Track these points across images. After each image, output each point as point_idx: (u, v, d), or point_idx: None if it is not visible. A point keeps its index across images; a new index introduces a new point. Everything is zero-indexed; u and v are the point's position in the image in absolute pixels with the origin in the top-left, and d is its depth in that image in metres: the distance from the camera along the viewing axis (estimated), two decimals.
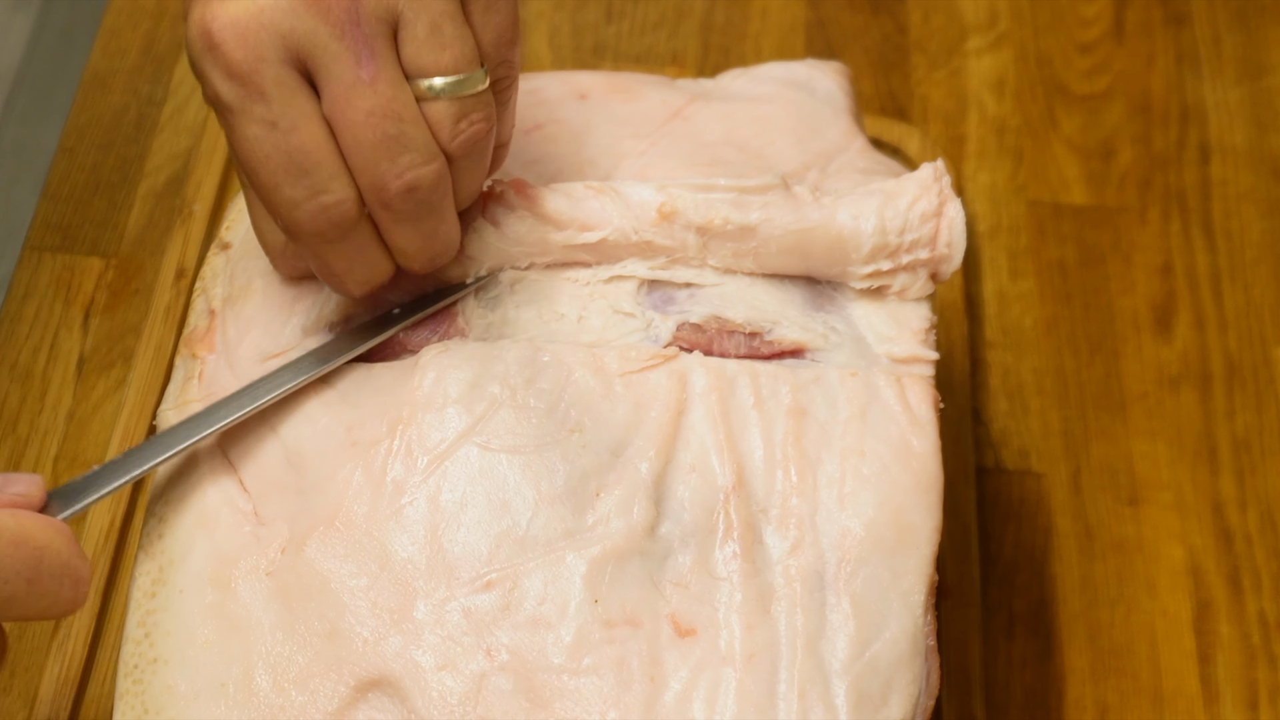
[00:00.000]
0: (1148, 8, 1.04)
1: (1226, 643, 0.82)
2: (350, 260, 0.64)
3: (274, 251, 0.68)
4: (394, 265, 0.65)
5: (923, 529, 0.65)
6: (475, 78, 0.62)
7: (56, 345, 0.86)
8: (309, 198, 0.61)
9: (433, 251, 0.65)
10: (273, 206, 0.62)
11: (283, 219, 0.62)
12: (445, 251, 0.65)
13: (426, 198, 0.62)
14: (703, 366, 0.67)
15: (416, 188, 0.61)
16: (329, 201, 0.61)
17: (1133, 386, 0.90)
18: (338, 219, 0.62)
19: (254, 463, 0.66)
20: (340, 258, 0.63)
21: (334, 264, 0.64)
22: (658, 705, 0.61)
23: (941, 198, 0.69)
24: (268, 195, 0.62)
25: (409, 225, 0.63)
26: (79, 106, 0.95)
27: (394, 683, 0.62)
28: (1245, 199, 0.97)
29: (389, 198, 0.62)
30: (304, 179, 0.61)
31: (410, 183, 0.61)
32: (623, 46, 1.01)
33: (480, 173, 0.65)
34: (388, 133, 0.61)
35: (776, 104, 0.78)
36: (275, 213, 0.62)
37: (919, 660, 0.64)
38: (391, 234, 0.63)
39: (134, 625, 0.65)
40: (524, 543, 0.63)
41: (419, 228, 0.63)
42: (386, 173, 0.61)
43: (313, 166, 0.61)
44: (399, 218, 0.62)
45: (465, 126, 0.62)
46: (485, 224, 0.68)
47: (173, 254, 0.87)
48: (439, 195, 0.63)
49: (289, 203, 0.61)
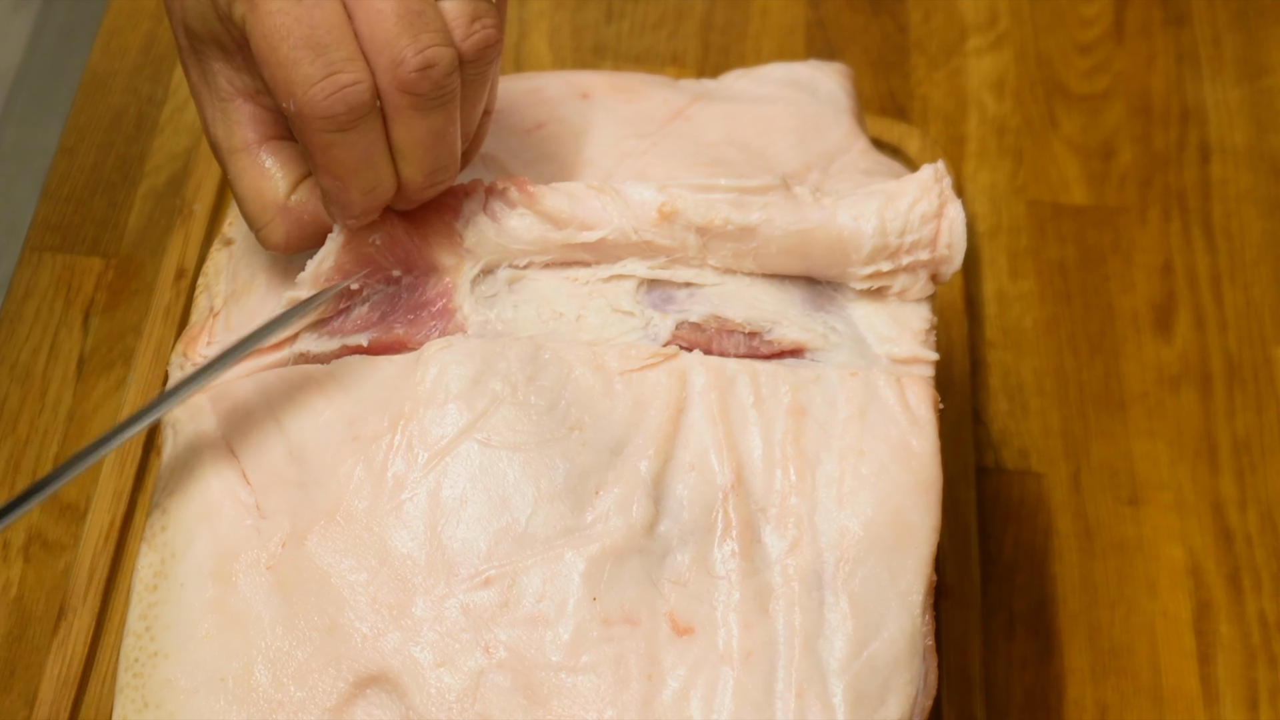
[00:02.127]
0: (1148, 8, 1.04)
1: (1226, 643, 0.82)
2: (356, 160, 0.63)
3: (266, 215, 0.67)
4: (395, 181, 0.64)
5: (921, 529, 0.65)
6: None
7: (56, 345, 0.86)
8: (325, 74, 0.60)
9: (436, 159, 0.64)
10: (288, 85, 0.61)
11: (297, 99, 0.61)
12: (448, 163, 0.65)
13: (442, 80, 0.61)
14: (702, 365, 0.67)
15: (434, 65, 0.61)
16: (345, 80, 0.61)
17: (1133, 386, 0.90)
18: (352, 100, 0.61)
19: (257, 455, 0.66)
20: (348, 152, 0.62)
21: (340, 160, 0.63)
22: (655, 703, 0.61)
23: (942, 199, 0.69)
24: (285, 73, 0.61)
25: (419, 117, 0.62)
26: (79, 106, 0.95)
27: (392, 679, 0.62)
28: (1245, 199, 0.97)
29: (405, 75, 0.61)
30: (322, 55, 0.60)
31: (430, 59, 0.61)
32: (623, 46, 1.01)
33: (482, 95, 0.65)
34: (412, 8, 0.60)
35: (778, 105, 0.78)
36: (290, 93, 0.61)
37: (917, 660, 0.64)
38: (400, 128, 0.63)
39: (135, 618, 0.65)
40: (523, 540, 0.63)
41: (429, 122, 0.63)
42: (407, 48, 0.61)
43: (332, 43, 0.60)
44: (412, 104, 0.62)
45: (478, 28, 0.62)
46: (485, 219, 0.68)
47: (173, 254, 0.87)
48: (451, 86, 0.62)
49: (305, 80, 0.61)
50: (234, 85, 0.65)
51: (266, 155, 0.66)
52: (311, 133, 0.62)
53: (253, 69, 0.65)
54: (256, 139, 0.66)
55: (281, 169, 0.66)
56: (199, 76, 0.66)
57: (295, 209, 0.66)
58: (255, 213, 0.67)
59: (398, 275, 0.68)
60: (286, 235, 0.67)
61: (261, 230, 0.67)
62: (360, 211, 0.65)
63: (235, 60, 0.65)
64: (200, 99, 0.67)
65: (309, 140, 0.62)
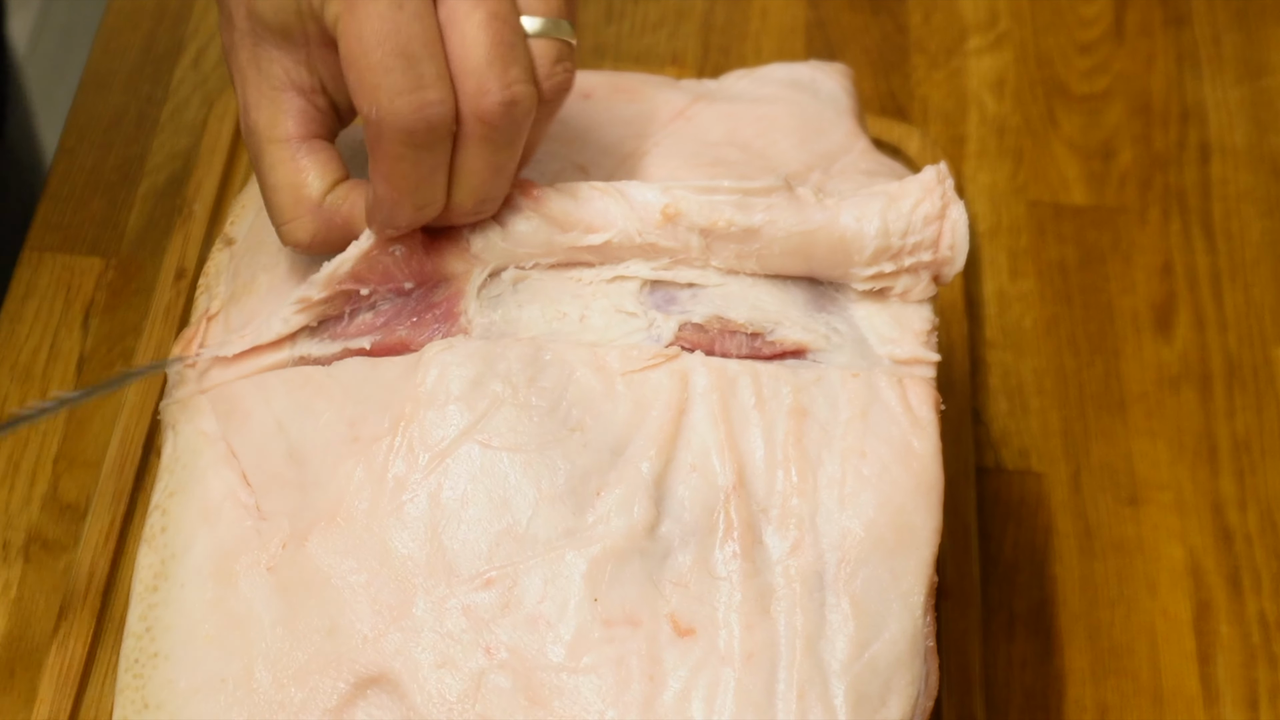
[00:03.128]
0: (1148, 8, 1.04)
1: (1226, 643, 0.82)
2: (419, 177, 0.63)
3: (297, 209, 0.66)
4: (445, 202, 0.64)
5: (923, 530, 0.65)
6: (568, 28, 0.63)
7: (56, 345, 0.86)
8: (414, 89, 0.60)
9: (488, 190, 0.64)
10: (374, 91, 0.61)
11: (381, 106, 0.61)
12: (496, 197, 0.65)
13: (520, 119, 0.62)
14: (704, 366, 0.67)
15: (517, 103, 0.61)
16: (431, 98, 0.60)
17: (1133, 386, 0.90)
18: (434, 119, 0.61)
19: (257, 456, 0.66)
20: (414, 167, 0.62)
21: (404, 173, 0.62)
22: (656, 704, 0.61)
23: (945, 200, 0.69)
24: (374, 78, 0.60)
25: (488, 149, 0.62)
26: (79, 106, 0.95)
27: (393, 680, 0.62)
28: (1245, 199, 0.97)
29: (488, 106, 0.61)
30: (414, 68, 0.60)
31: (515, 95, 0.61)
32: (623, 47, 1.01)
33: (543, 133, 0.65)
34: (505, 39, 0.61)
35: (780, 105, 0.78)
36: (375, 99, 0.61)
37: (918, 661, 0.64)
38: (466, 156, 0.63)
39: (135, 619, 0.65)
40: (524, 541, 0.63)
41: (495, 155, 0.63)
42: (494, 80, 0.61)
43: (426, 58, 0.60)
44: (485, 134, 0.62)
45: (560, 71, 0.63)
46: (492, 225, 0.68)
47: (173, 254, 0.87)
48: (525, 125, 0.62)
49: (392, 88, 0.60)
50: (290, 77, 0.65)
51: (307, 152, 0.66)
52: (385, 141, 0.62)
53: (316, 66, 0.65)
54: (300, 134, 0.66)
55: (320, 168, 0.66)
56: (249, 60, 0.66)
57: (328, 210, 0.66)
58: (286, 205, 0.66)
59: (410, 287, 0.68)
60: (313, 235, 0.66)
61: (287, 224, 0.66)
62: (405, 225, 0.65)
63: (300, 54, 0.65)
64: (245, 82, 0.66)
65: (380, 148, 0.62)
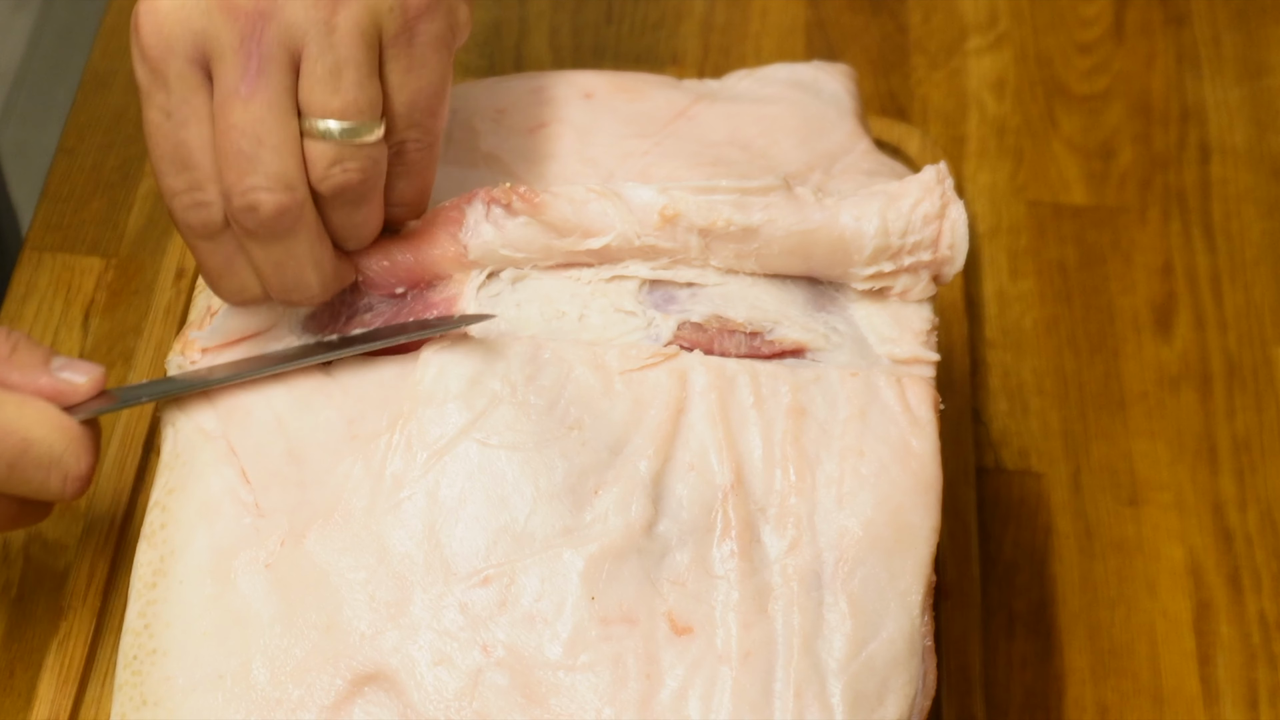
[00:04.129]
0: (1148, 8, 1.04)
1: (1226, 643, 0.82)
2: (219, 266, 0.65)
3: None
4: (260, 287, 0.66)
5: (921, 529, 0.65)
6: (363, 129, 0.63)
7: (56, 345, 0.86)
8: (185, 191, 0.63)
9: (281, 282, 0.65)
10: (160, 189, 0.64)
11: (166, 203, 0.64)
12: (296, 286, 0.66)
13: (268, 222, 0.63)
14: (703, 365, 0.67)
15: (255, 209, 0.62)
16: (201, 199, 0.63)
17: (1133, 386, 0.89)
18: (206, 220, 0.64)
19: (256, 453, 0.66)
20: (210, 258, 0.65)
21: (205, 263, 0.66)
22: (653, 703, 0.61)
23: (944, 200, 0.69)
24: (158, 179, 0.64)
25: (256, 245, 0.64)
26: (79, 106, 0.95)
27: (390, 677, 0.62)
28: (1245, 199, 0.97)
29: (233, 210, 0.63)
30: (184, 173, 0.63)
31: (250, 203, 0.62)
32: (623, 47, 1.01)
33: (357, 221, 0.66)
34: (242, 149, 0.62)
35: (782, 105, 0.78)
36: (161, 195, 0.64)
37: (916, 660, 0.64)
38: (248, 250, 0.65)
39: (134, 616, 0.65)
40: (522, 539, 0.63)
41: (266, 251, 0.64)
42: (233, 186, 0.62)
43: (193, 164, 0.63)
44: (246, 233, 0.64)
45: (336, 172, 0.63)
46: (489, 228, 0.68)
47: (173, 254, 0.87)
48: (284, 224, 0.63)
49: (169, 191, 0.64)
50: None
51: None
52: (181, 234, 0.65)
53: None
54: None
55: None
56: None
57: None
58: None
59: (402, 291, 0.69)
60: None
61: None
62: (232, 301, 0.67)
63: None
64: None
65: (184, 238, 0.65)
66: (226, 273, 0.65)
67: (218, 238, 0.64)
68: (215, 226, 0.64)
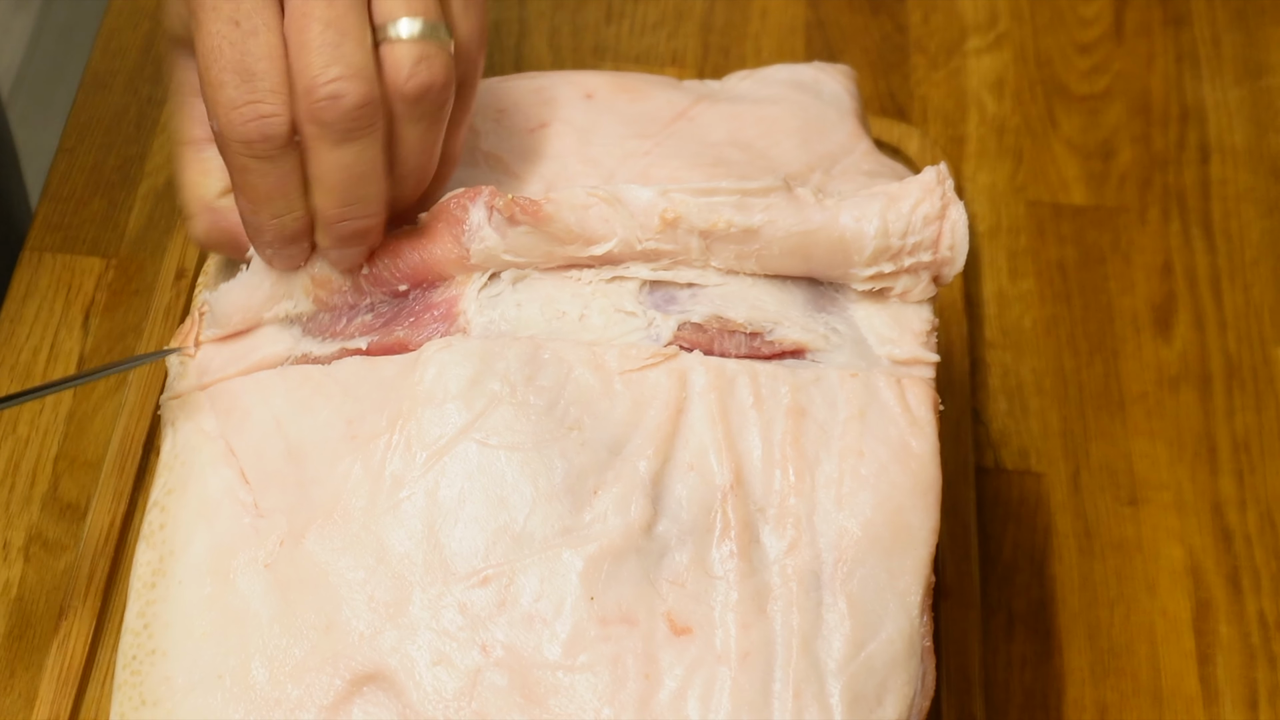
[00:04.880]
0: (1148, 8, 1.04)
1: (1226, 643, 0.82)
2: (269, 188, 0.64)
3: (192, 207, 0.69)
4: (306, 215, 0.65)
5: (920, 530, 0.65)
6: (440, 30, 0.63)
7: (56, 345, 0.86)
8: (248, 102, 0.62)
9: (346, 194, 0.64)
10: (213, 105, 0.63)
11: (219, 119, 0.63)
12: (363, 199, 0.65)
13: (350, 113, 0.62)
14: (702, 365, 0.67)
15: (338, 98, 0.62)
16: (265, 110, 0.62)
17: (1132, 386, 0.90)
18: (269, 131, 0.63)
19: (255, 453, 0.66)
20: (261, 179, 0.64)
21: (254, 185, 0.64)
22: (652, 703, 0.61)
23: (944, 201, 0.69)
24: (213, 93, 0.63)
25: (327, 148, 0.63)
26: (79, 106, 0.95)
27: (389, 677, 0.62)
28: (1245, 199, 0.97)
29: (312, 103, 0.62)
30: (248, 83, 0.62)
31: (335, 92, 0.62)
32: (623, 47, 1.01)
33: (430, 139, 0.65)
34: (328, 40, 0.62)
35: (782, 106, 0.78)
36: (214, 112, 0.63)
37: (915, 661, 0.64)
38: (311, 161, 0.64)
39: (133, 616, 0.65)
40: (521, 539, 0.63)
41: (338, 153, 0.63)
42: (317, 76, 0.62)
43: (260, 73, 0.62)
44: (320, 134, 0.63)
45: (422, 69, 0.63)
46: (490, 233, 0.68)
47: (173, 254, 0.87)
48: (364, 119, 0.63)
49: (228, 103, 0.63)
50: (195, 85, 0.67)
51: (211, 155, 0.68)
52: (230, 154, 0.64)
53: None
54: (205, 137, 0.68)
55: (219, 170, 0.68)
56: (170, 68, 0.69)
57: (219, 210, 0.68)
58: (186, 202, 0.69)
59: (404, 289, 0.69)
60: (206, 233, 0.69)
61: (188, 221, 0.70)
62: (272, 238, 0.66)
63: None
64: (171, 93, 0.70)
65: (228, 161, 0.64)
66: (276, 194, 0.64)
67: (277, 155, 0.63)
68: (277, 141, 0.63)
